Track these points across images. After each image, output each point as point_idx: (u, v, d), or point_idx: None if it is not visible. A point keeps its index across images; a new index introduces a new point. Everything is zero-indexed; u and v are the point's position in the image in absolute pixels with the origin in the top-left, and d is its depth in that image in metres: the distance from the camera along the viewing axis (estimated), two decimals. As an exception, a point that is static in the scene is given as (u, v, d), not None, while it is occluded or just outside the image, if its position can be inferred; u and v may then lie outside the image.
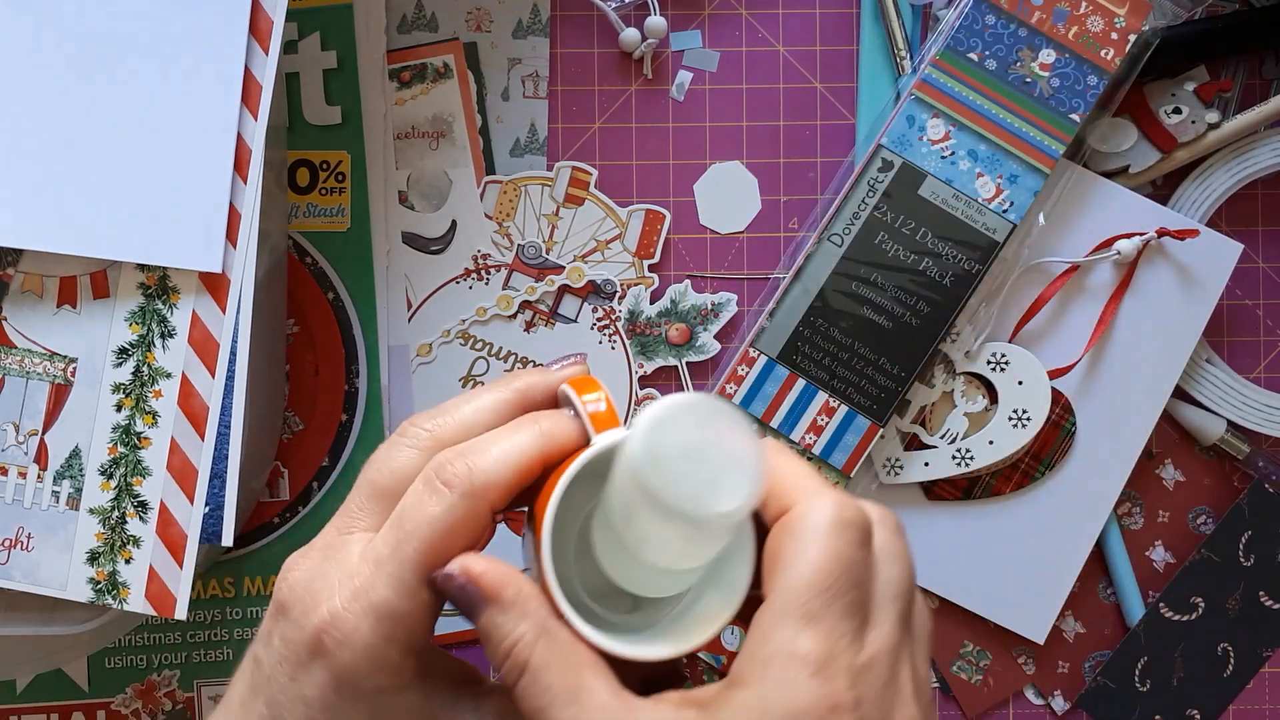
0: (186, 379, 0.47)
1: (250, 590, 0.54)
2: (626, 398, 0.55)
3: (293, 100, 0.53)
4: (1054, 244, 0.54)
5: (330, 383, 0.54)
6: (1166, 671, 0.55)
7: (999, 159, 0.51)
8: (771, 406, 0.52)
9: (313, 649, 0.36)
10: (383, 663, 0.35)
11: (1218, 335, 0.56)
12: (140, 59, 0.46)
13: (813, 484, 0.35)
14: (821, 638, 0.32)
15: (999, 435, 0.53)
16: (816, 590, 0.33)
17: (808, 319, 0.52)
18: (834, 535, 0.33)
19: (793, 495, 0.35)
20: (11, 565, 0.47)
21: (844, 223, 0.52)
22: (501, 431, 0.38)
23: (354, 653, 0.35)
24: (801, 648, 0.32)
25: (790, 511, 0.34)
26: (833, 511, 0.34)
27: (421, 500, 0.36)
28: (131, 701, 0.54)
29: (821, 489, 0.35)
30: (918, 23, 0.55)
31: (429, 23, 0.55)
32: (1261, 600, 0.55)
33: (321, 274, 0.54)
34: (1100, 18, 0.51)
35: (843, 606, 0.33)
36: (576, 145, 0.55)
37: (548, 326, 0.55)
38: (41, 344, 0.47)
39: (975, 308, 0.53)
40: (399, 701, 0.36)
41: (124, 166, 0.46)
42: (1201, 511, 0.56)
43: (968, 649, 0.56)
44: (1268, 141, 0.54)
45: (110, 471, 0.47)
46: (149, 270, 0.47)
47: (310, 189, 0.54)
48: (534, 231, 0.55)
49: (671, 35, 0.55)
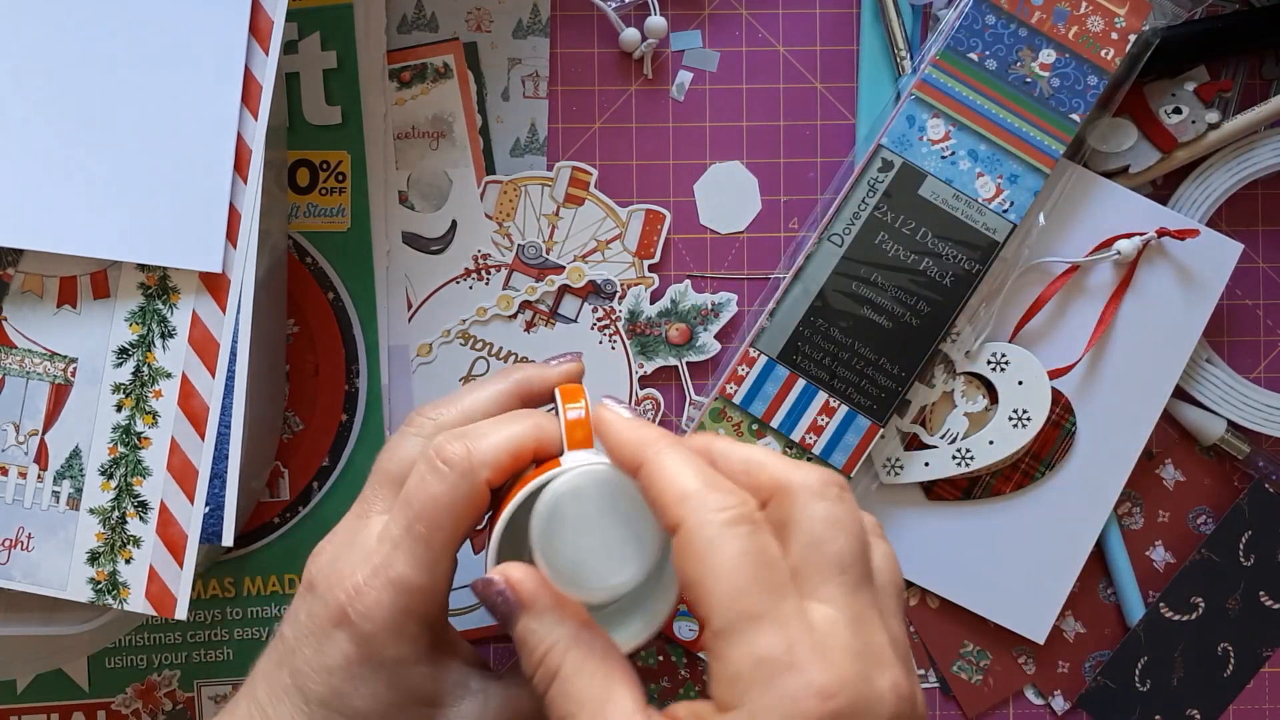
0: (186, 379, 0.47)
1: (250, 590, 0.54)
2: (627, 398, 0.55)
3: (293, 100, 0.53)
4: (1054, 244, 0.54)
5: (330, 383, 0.54)
6: (1166, 671, 0.55)
7: (999, 159, 0.51)
8: (771, 406, 0.52)
9: (337, 620, 0.38)
10: (401, 633, 0.38)
11: (1218, 335, 0.56)
12: (140, 59, 0.46)
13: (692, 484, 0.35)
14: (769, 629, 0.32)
15: (999, 435, 0.53)
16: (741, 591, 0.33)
17: (808, 319, 0.52)
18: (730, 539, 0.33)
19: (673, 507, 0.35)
20: (11, 565, 0.47)
21: (844, 223, 0.52)
22: (499, 420, 0.41)
23: (375, 624, 0.38)
24: (758, 651, 0.32)
25: (680, 530, 0.34)
26: (721, 516, 0.34)
27: (425, 480, 0.39)
28: (131, 701, 0.54)
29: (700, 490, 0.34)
30: (918, 23, 0.55)
31: (429, 23, 0.55)
32: (1261, 600, 0.55)
33: (321, 274, 0.54)
34: (1100, 18, 0.51)
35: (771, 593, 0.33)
36: (576, 145, 0.55)
37: (548, 326, 0.55)
38: (41, 344, 0.47)
39: (975, 308, 0.53)
40: (414, 673, 0.39)
41: (124, 166, 0.46)
42: (1201, 511, 0.56)
43: (968, 649, 0.56)
44: (1268, 141, 0.54)
45: (110, 471, 0.47)
46: (149, 270, 0.47)
47: (310, 189, 0.54)
48: (534, 231, 0.55)
49: (671, 35, 0.56)
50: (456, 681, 0.41)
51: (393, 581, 0.38)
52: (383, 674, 0.39)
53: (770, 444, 0.52)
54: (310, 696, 0.39)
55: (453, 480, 0.39)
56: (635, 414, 0.38)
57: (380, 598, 0.38)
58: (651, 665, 0.55)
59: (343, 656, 0.38)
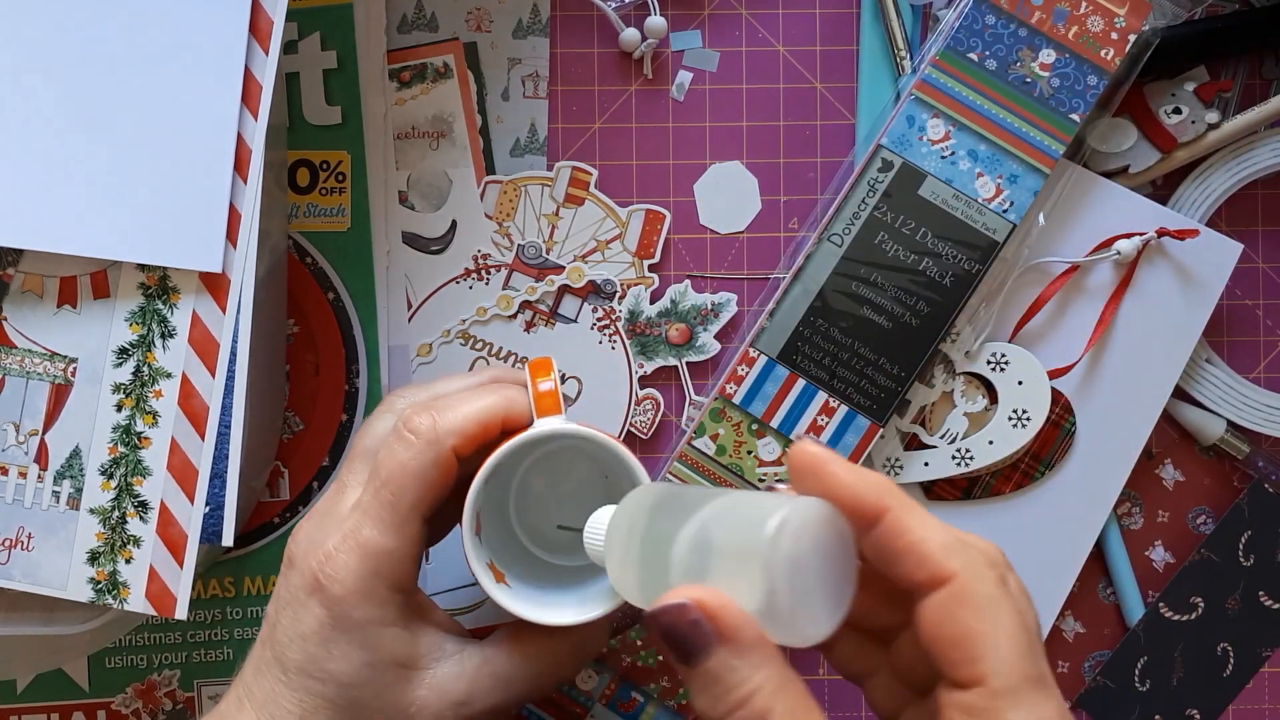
0: (186, 379, 0.47)
1: (250, 590, 0.54)
2: (626, 398, 0.55)
3: (293, 100, 0.53)
4: (1054, 244, 0.54)
5: (330, 383, 0.54)
6: (1166, 671, 0.55)
7: (999, 159, 0.51)
8: (771, 406, 0.52)
9: (311, 588, 0.40)
10: (370, 595, 0.40)
11: (1218, 335, 0.56)
12: (140, 59, 0.46)
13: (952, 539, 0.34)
14: (1049, 696, 0.32)
15: (999, 435, 0.53)
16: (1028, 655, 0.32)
17: (808, 319, 0.52)
18: (1007, 599, 0.33)
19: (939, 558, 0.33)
20: (12, 565, 0.47)
21: (844, 223, 0.52)
22: (467, 394, 0.43)
23: (344, 586, 0.39)
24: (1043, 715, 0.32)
25: (954, 584, 0.33)
26: (994, 574, 0.33)
27: (392, 449, 0.41)
28: (131, 701, 0.54)
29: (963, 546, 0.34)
30: (918, 23, 0.55)
31: (429, 23, 0.55)
32: (1261, 600, 0.55)
33: (321, 274, 0.54)
34: (1100, 18, 0.51)
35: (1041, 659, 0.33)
36: (576, 145, 0.55)
37: (548, 326, 0.55)
38: (41, 344, 0.47)
39: (975, 308, 0.53)
40: (386, 635, 0.40)
41: (124, 166, 0.46)
42: (1201, 511, 0.56)
43: (968, 649, 0.56)
44: (1268, 141, 0.54)
45: (110, 471, 0.47)
46: (149, 270, 0.47)
47: (310, 189, 0.54)
48: (534, 231, 0.55)
49: (671, 35, 0.55)
50: (432, 644, 0.42)
51: (360, 545, 0.40)
52: (355, 636, 0.40)
53: (770, 444, 0.52)
54: (288, 665, 0.40)
55: (419, 448, 0.40)
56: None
57: (348, 561, 0.40)
58: (651, 665, 0.55)
59: (316, 621, 0.40)
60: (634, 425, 0.55)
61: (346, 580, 0.40)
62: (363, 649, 0.40)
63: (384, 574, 0.40)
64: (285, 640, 0.40)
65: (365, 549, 0.40)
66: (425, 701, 0.41)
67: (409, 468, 0.40)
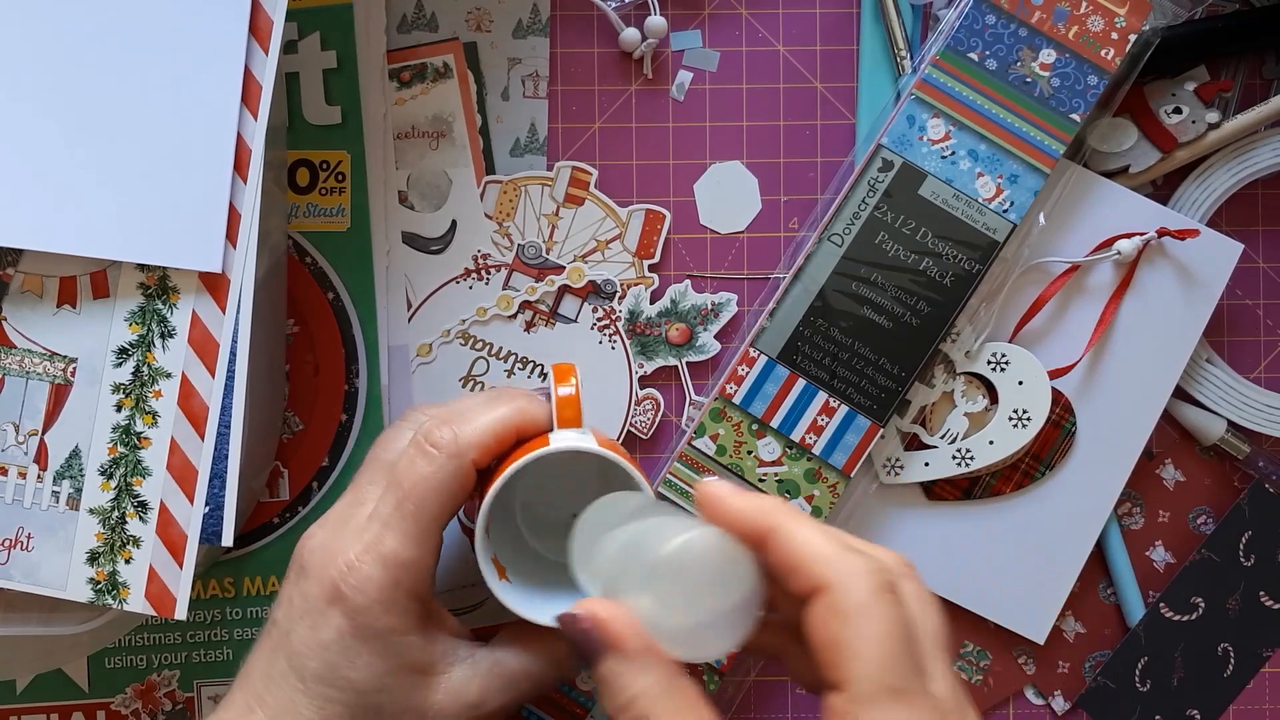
0: (186, 379, 0.47)
1: (250, 590, 0.54)
2: (626, 398, 0.55)
3: (293, 100, 0.53)
4: (1054, 244, 0.54)
5: (330, 383, 0.54)
6: (1166, 671, 0.55)
7: (999, 159, 0.51)
8: (771, 406, 0.52)
9: (331, 597, 0.40)
10: (392, 605, 0.40)
11: (1218, 335, 0.56)
12: (140, 59, 0.46)
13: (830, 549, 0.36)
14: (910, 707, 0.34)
15: (999, 435, 0.53)
16: (889, 665, 0.34)
17: (808, 319, 0.52)
18: (880, 606, 0.35)
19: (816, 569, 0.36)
20: (11, 565, 0.47)
21: (844, 223, 0.52)
22: (484, 403, 0.43)
23: (367, 597, 0.40)
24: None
25: (828, 592, 0.35)
26: (868, 582, 0.35)
27: (414, 462, 0.41)
28: (131, 701, 0.54)
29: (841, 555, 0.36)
30: (918, 23, 0.55)
31: (429, 23, 0.55)
32: (1261, 600, 0.55)
33: (321, 274, 0.54)
34: (1100, 17, 0.51)
35: (911, 669, 0.34)
36: (576, 145, 0.55)
37: (548, 326, 0.55)
38: (41, 344, 0.47)
39: (975, 308, 0.53)
40: (405, 643, 0.41)
41: (124, 166, 0.46)
42: (1201, 511, 0.56)
43: (968, 649, 0.56)
44: (1268, 141, 0.54)
45: (110, 471, 0.47)
46: (149, 270, 0.47)
47: (310, 189, 0.54)
48: (534, 231, 0.55)
49: (671, 35, 0.55)
50: (446, 650, 0.43)
51: (384, 556, 0.40)
52: (376, 645, 0.40)
53: (770, 444, 0.52)
54: (306, 674, 0.40)
55: (440, 461, 0.41)
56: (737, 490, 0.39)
57: (371, 572, 0.40)
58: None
59: (336, 631, 0.40)
60: (634, 425, 0.55)
61: (369, 591, 0.40)
62: (384, 657, 0.40)
63: (405, 584, 0.41)
64: (304, 649, 0.41)
65: (388, 560, 0.40)
66: (442, 705, 0.42)
67: (431, 481, 0.41)
